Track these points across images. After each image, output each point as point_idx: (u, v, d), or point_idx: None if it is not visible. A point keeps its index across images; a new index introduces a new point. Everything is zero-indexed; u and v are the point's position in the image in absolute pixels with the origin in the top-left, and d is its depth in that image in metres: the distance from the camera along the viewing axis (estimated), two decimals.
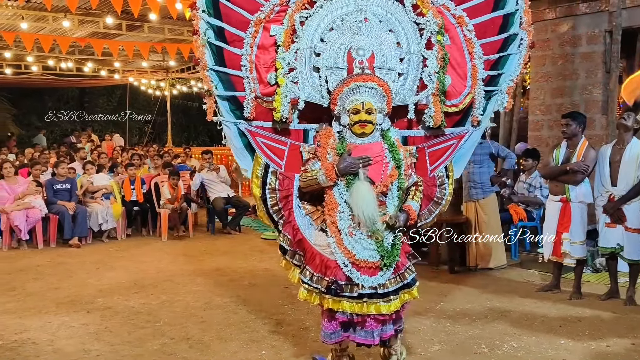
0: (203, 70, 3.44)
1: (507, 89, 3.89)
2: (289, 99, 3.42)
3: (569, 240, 5.22)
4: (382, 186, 3.29)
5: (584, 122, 5.31)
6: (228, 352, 4.06)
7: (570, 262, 5.30)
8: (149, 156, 11.56)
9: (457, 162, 3.86)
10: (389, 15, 3.59)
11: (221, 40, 3.45)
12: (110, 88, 22.43)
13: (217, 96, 3.49)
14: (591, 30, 7.06)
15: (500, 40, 3.85)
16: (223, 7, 3.43)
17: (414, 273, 3.39)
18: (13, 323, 4.70)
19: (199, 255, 7.42)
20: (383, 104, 3.33)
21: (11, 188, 7.92)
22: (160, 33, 11.88)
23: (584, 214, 5.27)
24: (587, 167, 5.13)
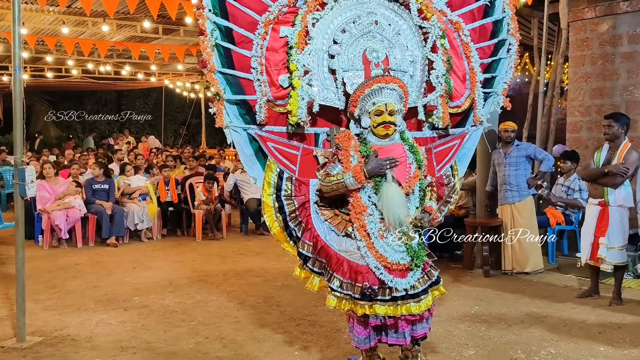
0: (210, 73, 3.30)
1: (502, 90, 4.14)
2: (305, 101, 3.33)
3: (606, 245, 5.07)
4: (407, 187, 3.29)
5: (627, 124, 5.15)
6: (261, 352, 4.08)
7: (607, 267, 5.14)
8: (184, 157, 11.74)
9: (460, 161, 4.03)
10: (397, 19, 3.67)
11: (229, 41, 3.32)
12: (146, 91, 22.87)
13: (225, 100, 3.36)
14: (632, 29, 6.87)
15: (492, 45, 4.06)
16: (230, 7, 3.31)
17: (437, 270, 3.45)
18: (53, 320, 4.82)
19: (233, 255, 7.49)
20: (402, 105, 3.38)
21: (52, 188, 8.14)
22: (195, 36, 12.01)
23: (623, 219, 5.11)
24: (626, 170, 4.97)
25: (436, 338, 4.26)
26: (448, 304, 5.05)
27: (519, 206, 6.22)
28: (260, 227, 9.07)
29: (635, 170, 5.07)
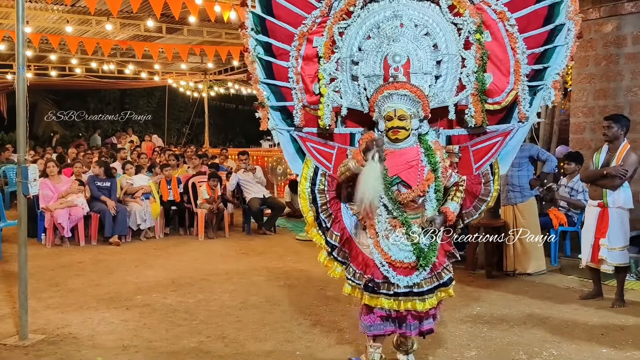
0: (255, 84, 3.74)
1: (553, 83, 3.68)
2: (331, 107, 3.62)
3: (607, 246, 5.05)
4: (418, 190, 3.38)
5: (626, 126, 5.13)
6: (263, 351, 4.08)
7: (607, 268, 5.13)
8: (187, 157, 11.74)
9: (502, 160, 3.77)
10: (425, 18, 3.59)
11: (269, 54, 3.72)
12: (149, 90, 22.92)
13: (269, 107, 3.78)
14: (637, 30, 6.84)
15: (546, 32, 3.64)
16: (269, 24, 3.69)
17: (451, 273, 3.50)
18: (55, 318, 4.83)
19: (235, 255, 7.50)
20: (418, 109, 3.39)
21: (55, 187, 8.16)
22: (199, 35, 12.06)
23: (624, 220, 5.09)
24: (625, 172, 4.95)
25: (438, 338, 4.25)
26: (450, 304, 5.03)
27: (521, 207, 6.21)
28: (263, 226, 9.08)
29: (634, 171, 5.05)
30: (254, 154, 15.53)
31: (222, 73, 17.74)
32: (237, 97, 24.61)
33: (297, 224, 9.93)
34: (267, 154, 15.96)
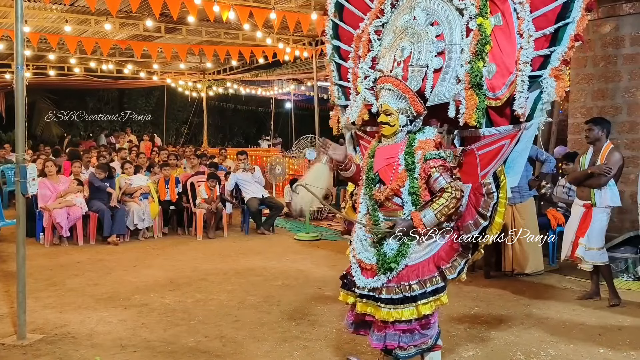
0: (331, 86, 4.06)
1: (551, 70, 3.03)
2: (360, 105, 3.64)
3: (585, 245, 5.18)
4: (389, 189, 3.22)
5: (607, 128, 5.25)
6: (261, 351, 4.09)
7: (587, 267, 5.27)
8: (185, 156, 11.74)
9: (510, 167, 3.22)
10: (434, 6, 3.33)
11: (340, 57, 3.96)
12: (148, 89, 22.91)
13: (340, 106, 3.99)
14: (635, 31, 6.85)
15: (559, 6, 3.03)
16: (341, 30, 3.94)
17: (425, 289, 3.13)
18: (53, 317, 4.83)
19: (233, 255, 7.50)
20: (405, 104, 3.21)
21: (53, 186, 8.15)
22: (197, 35, 12.05)
23: (604, 222, 5.20)
24: (609, 169, 5.06)
25: None
26: (448, 304, 5.03)
27: (519, 207, 6.21)
28: (261, 226, 9.08)
29: (620, 170, 5.14)
30: (253, 154, 15.54)
31: (221, 73, 17.74)
32: (236, 97, 24.61)
33: (296, 224, 9.94)
34: (265, 154, 15.99)
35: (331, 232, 9.13)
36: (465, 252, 3.24)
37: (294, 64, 14.36)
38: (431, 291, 3.14)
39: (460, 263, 3.21)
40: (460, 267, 3.20)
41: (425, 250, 3.20)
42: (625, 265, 6.10)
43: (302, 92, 22.25)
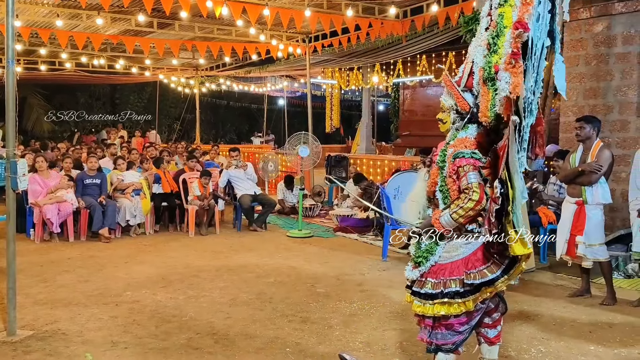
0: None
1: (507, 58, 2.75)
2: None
3: (585, 243, 5.18)
4: (428, 186, 3.30)
5: (597, 126, 5.27)
6: (253, 348, 4.08)
7: (588, 264, 5.27)
8: (178, 153, 11.69)
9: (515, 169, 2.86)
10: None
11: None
12: (140, 85, 22.78)
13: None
14: (627, 30, 6.89)
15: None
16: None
17: (441, 289, 3.05)
18: (44, 314, 4.80)
19: (226, 251, 7.48)
20: (453, 101, 3.20)
21: (44, 182, 8.10)
22: (190, 31, 11.98)
23: (600, 217, 5.22)
24: (599, 167, 5.08)
25: None
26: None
27: None
28: (254, 223, 9.07)
29: (610, 167, 5.16)
30: (245, 151, 15.52)
31: (214, 69, 17.68)
32: (229, 93, 24.55)
33: (288, 220, 9.93)
34: (258, 151, 15.96)
35: (323, 229, 9.13)
36: (500, 261, 3.01)
37: (287, 60, 14.32)
38: (448, 293, 3.04)
39: (487, 274, 2.98)
40: (489, 277, 2.98)
41: (457, 252, 3.08)
42: (616, 263, 6.14)
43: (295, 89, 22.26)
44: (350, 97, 24.73)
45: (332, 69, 16.75)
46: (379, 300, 5.26)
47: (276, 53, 12.88)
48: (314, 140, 9.19)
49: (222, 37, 12.42)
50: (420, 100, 16.10)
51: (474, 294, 3.01)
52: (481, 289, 3.00)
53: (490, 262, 3.02)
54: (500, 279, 2.99)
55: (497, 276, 2.99)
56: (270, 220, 9.58)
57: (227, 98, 26.58)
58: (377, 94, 20.85)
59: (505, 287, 3.06)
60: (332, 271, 6.37)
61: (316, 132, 10.98)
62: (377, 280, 5.99)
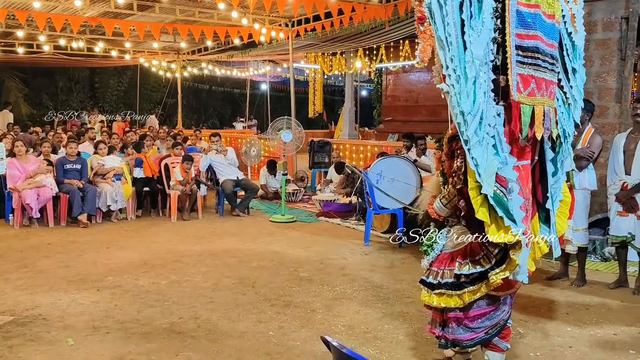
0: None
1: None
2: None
3: (572, 227, 5.22)
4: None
5: (591, 110, 5.29)
6: (236, 332, 4.10)
7: (571, 249, 5.32)
8: (160, 138, 11.59)
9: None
10: None
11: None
12: (120, 69, 22.48)
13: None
14: (607, 16, 6.95)
15: None
16: None
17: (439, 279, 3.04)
18: (24, 299, 4.76)
19: (208, 236, 7.47)
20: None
21: (23, 167, 7.98)
22: (171, 14, 11.82)
23: (587, 202, 5.28)
24: (592, 153, 5.13)
25: (409, 317, 4.33)
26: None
27: None
28: (236, 208, 9.05)
29: (599, 153, 5.22)
30: (227, 136, 15.44)
31: (196, 53, 17.48)
32: (211, 78, 24.35)
33: (271, 206, 9.93)
34: (240, 136, 15.89)
35: (306, 214, 9.14)
36: (488, 258, 2.94)
37: (270, 45, 14.22)
38: (445, 283, 3.02)
39: (476, 266, 2.94)
40: (477, 270, 2.94)
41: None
42: (593, 246, 6.26)
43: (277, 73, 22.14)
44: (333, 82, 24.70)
45: (315, 54, 16.69)
46: (361, 284, 5.31)
47: (259, 37, 12.77)
48: (297, 125, 9.17)
49: (204, 20, 12.27)
50: (403, 85, 16.14)
51: (470, 287, 2.94)
52: (476, 283, 2.94)
53: (482, 254, 2.96)
54: (491, 272, 2.89)
55: (487, 269, 2.92)
56: (252, 205, 9.57)
57: (209, 82, 26.37)
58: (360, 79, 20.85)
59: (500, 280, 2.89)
60: (314, 256, 6.40)
61: (299, 117, 10.95)
62: (360, 265, 6.03)
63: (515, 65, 2.67)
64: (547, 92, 2.82)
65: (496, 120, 2.69)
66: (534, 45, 2.70)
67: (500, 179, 2.70)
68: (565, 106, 3.08)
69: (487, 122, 2.63)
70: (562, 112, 3.06)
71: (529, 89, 2.72)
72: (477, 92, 2.58)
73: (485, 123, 2.62)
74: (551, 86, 2.85)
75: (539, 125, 2.74)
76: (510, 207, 2.71)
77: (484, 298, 3.00)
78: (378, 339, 3.99)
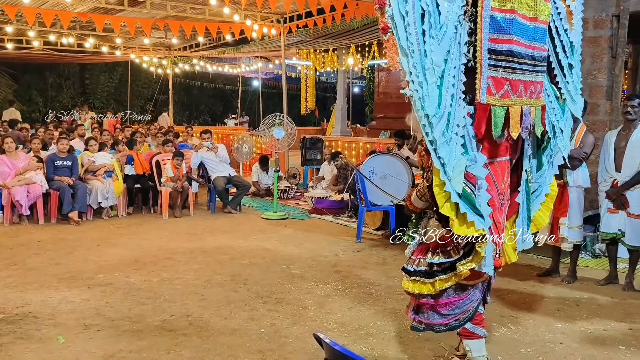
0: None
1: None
2: None
3: (567, 225, 5.24)
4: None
5: (586, 108, 5.30)
6: (228, 329, 4.09)
7: (567, 246, 5.33)
8: (150, 134, 11.52)
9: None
10: None
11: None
12: (111, 65, 22.35)
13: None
14: (598, 14, 6.98)
15: None
16: None
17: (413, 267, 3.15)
18: (14, 297, 4.73)
19: (200, 233, 7.44)
20: None
21: (12, 163, 7.92)
22: (162, 9, 11.75)
23: (580, 199, 5.30)
24: (585, 154, 5.14)
25: (401, 314, 4.34)
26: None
27: None
28: (228, 205, 9.03)
29: (591, 152, 5.24)
30: (219, 132, 15.39)
31: (187, 49, 17.40)
32: (203, 74, 24.27)
33: (263, 203, 9.92)
34: (232, 133, 15.84)
35: (298, 211, 9.14)
36: (457, 249, 3.00)
37: (262, 41, 14.19)
38: (419, 271, 3.10)
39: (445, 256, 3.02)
40: (446, 260, 3.01)
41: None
42: (584, 243, 6.28)
43: (269, 70, 22.10)
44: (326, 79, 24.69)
45: (307, 51, 16.67)
46: (353, 281, 5.31)
47: (250, 34, 12.73)
48: (289, 122, 9.15)
49: (196, 16, 12.21)
50: (396, 82, 16.15)
51: (442, 275, 3.03)
52: (447, 273, 3.02)
53: (453, 245, 3.02)
54: (459, 263, 2.96)
55: (456, 259, 2.98)
56: (244, 202, 9.55)
57: (200, 79, 26.28)
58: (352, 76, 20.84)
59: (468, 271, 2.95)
60: (306, 253, 6.40)
61: (291, 114, 10.94)
62: (352, 262, 6.04)
63: (487, 68, 2.74)
64: (526, 92, 2.88)
65: (466, 120, 2.76)
66: (508, 49, 2.75)
67: (469, 176, 2.79)
68: (559, 102, 3.12)
69: (456, 122, 2.71)
70: (554, 107, 3.13)
71: (502, 91, 2.78)
72: (443, 96, 2.65)
73: (454, 124, 2.70)
74: (532, 86, 2.90)
75: (515, 125, 2.82)
76: (477, 203, 2.82)
77: (455, 287, 3.10)
78: (370, 335, 4.00)
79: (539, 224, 3.34)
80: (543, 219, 3.33)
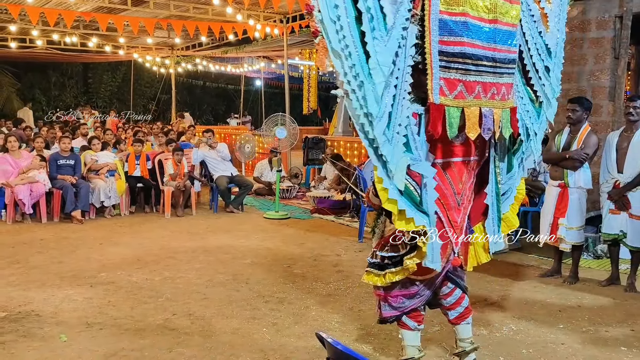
0: None
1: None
2: None
3: (565, 225, 5.24)
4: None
5: (589, 108, 5.30)
6: (229, 328, 4.10)
7: (565, 247, 5.32)
8: (153, 133, 11.55)
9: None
10: None
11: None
12: (114, 64, 22.38)
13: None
14: (601, 15, 6.98)
15: None
16: None
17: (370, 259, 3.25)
18: (17, 295, 4.74)
19: (202, 233, 7.45)
20: None
21: (15, 162, 7.94)
22: (165, 9, 11.78)
23: (582, 200, 5.28)
24: (585, 156, 5.13)
25: None
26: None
27: None
28: (230, 204, 9.04)
29: (594, 153, 5.22)
30: (222, 132, 15.41)
31: (190, 49, 17.42)
32: (205, 74, 24.27)
33: (265, 202, 9.93)
34: (235, 132, 15.85)
35: (300, 210, 9.15)
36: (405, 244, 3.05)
37: (265, 41, 14.20)
38: (373, 263, 3.20)
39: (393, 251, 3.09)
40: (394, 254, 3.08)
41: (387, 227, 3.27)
42: (586, 244, 6.28)
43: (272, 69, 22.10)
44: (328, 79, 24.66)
45: (309, 50, 16.66)
46: (355, 280, 5.31)
47: (253, 33, 12.75)
48: (291, 122, 9.17)
49: (199, 16, 12.23)
50: None
51: (392, 269, 3.10)
52: (397, 266, 3.09)
53: (402, 240, 3.08)
54: (405, 257, 3.02)
55: (403, 254, 3.04)
56: (246, 201, 9.56)
57: (203, 78, 26.29)
58: None
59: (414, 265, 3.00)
60: (308, 252, 6.41)
61: (293, 113, 10.96)
62: (353, 261, 6.04)
63: (439, 70, 2.74)
64: (485, 94, 2.88)
65: (409, 120, 2.76)
66: (460, 51, 2.75)
67: (414, 174, 2.82)
68: (534, 105, 3.17)
69: (397, 122, 2.70)
70: (528, 110, 3.17)
71: (456, 92, 2.78)
72: (385, 96, 2.63)
73: (395, 123, 2.69)
74: (492, 88, 2.90)
75: (472, 126, 2.83)
76: (423, 200, 2.85)
77: (404, 281, 3.17)
78: (372, 335, 4.00)
79: (512, 225, 3.39)
80: (513, 222, 3.39)
